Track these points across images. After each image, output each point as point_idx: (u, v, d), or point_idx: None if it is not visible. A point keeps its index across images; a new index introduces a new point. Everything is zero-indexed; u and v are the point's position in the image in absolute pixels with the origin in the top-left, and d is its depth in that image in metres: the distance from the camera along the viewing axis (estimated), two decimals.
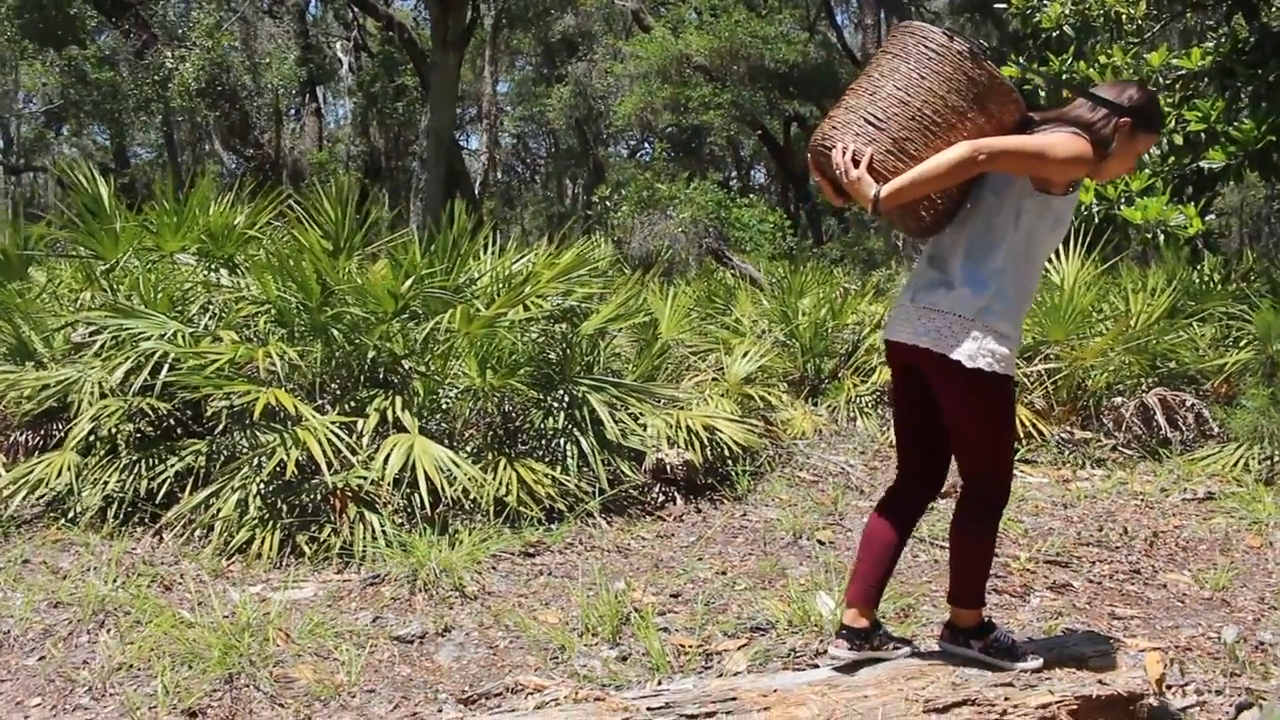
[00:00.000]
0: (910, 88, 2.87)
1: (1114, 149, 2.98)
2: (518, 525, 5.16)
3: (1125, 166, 3.10)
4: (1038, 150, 2.87)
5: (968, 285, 2.99)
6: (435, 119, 14.99)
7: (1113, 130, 2.96)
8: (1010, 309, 2.98)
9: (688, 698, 2.60)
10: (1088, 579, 4.77)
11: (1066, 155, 2.88)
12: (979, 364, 2.94)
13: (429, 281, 5.84)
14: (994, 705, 2.75)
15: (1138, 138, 3.01)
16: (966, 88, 2.86)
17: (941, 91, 2.86)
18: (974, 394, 2.99)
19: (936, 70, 2.86)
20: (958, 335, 2.96)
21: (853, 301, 8.57)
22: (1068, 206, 3.02)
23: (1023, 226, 2.97)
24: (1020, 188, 2.98)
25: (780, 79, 21.27)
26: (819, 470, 6.47)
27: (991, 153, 2.83)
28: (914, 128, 2.86)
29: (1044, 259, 3.10)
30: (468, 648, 3.94)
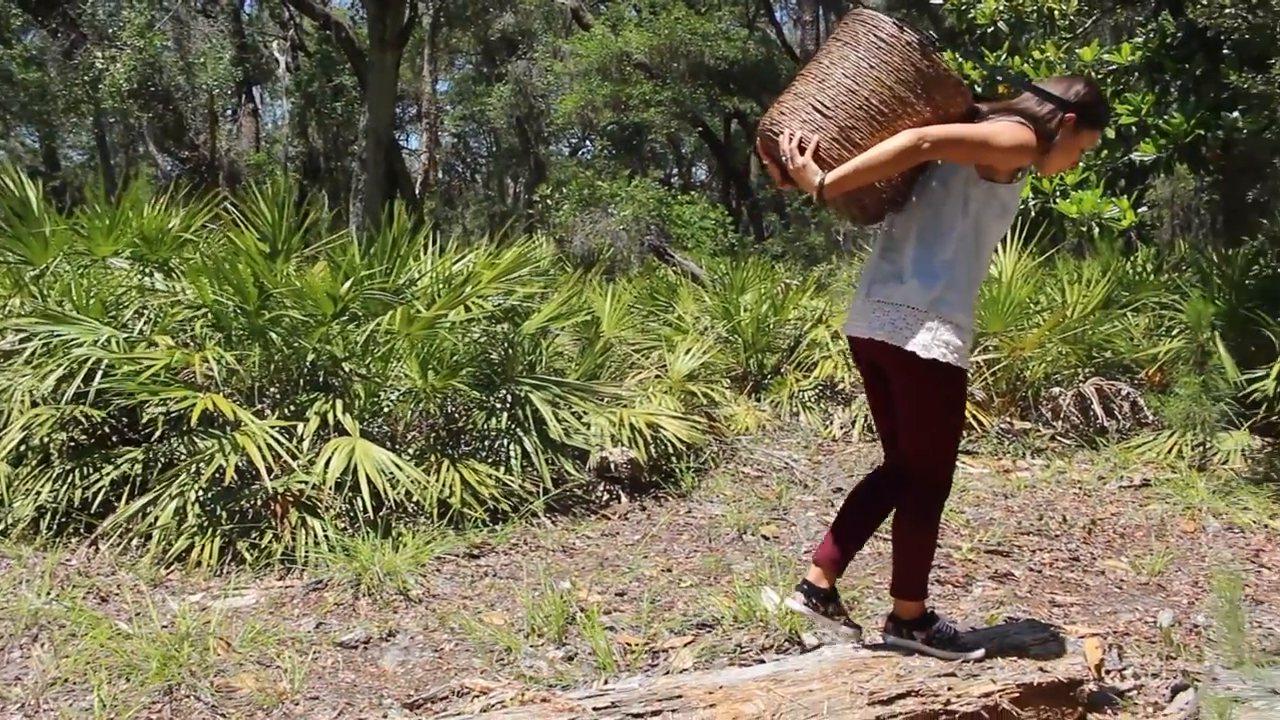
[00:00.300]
0: (859, 76, 2.90)
1: (1058, 143, 3.03)
2: (462, 527, 5.13)
3: (1068, 160, 3.15)
4: (981, 139, 2.92)
5: (918, 277, 3.03)
6: (373, 119, 14.85)
7: (1057, 124, 3.01)
8: (962, 298, 3.02)
9: (633, 696, 2.60)
10: (1028, 567, 4.84)
11: (1009, 144, 2.92)
12: (934, 354, 2.98)
13: (368, 283, 5.79)
14: (937, 695, 2.77)
15: (1081, 133, 3.06)
16: (914, 79, 2.89)
17: (889, 82, 2.89)
18: (927, 384, 3.04)
19: (885, 60, 2.88)
20: (912, 327, 3.00)
21: (794, 297, 8.61)
22: (1013, 195, 3.05)
23: (970, 215, 3.02)
24: (966, 177, 3.02)
25: (720, 76, 21.32)
26: (763, 465, 6.49)
27: (935, 141, 2.88)
28: (861, 116, 2.90)
29: (992, 248, 3.13)
30: (413, 652, 3.91)
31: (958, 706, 2.78)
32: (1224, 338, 7.13)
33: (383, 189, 15.05)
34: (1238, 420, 6.81)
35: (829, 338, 8.03)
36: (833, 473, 6.41)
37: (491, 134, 33.13)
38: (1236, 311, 7.28)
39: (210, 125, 18.96)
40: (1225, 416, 6.79)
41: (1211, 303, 7.26)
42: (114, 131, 25.52)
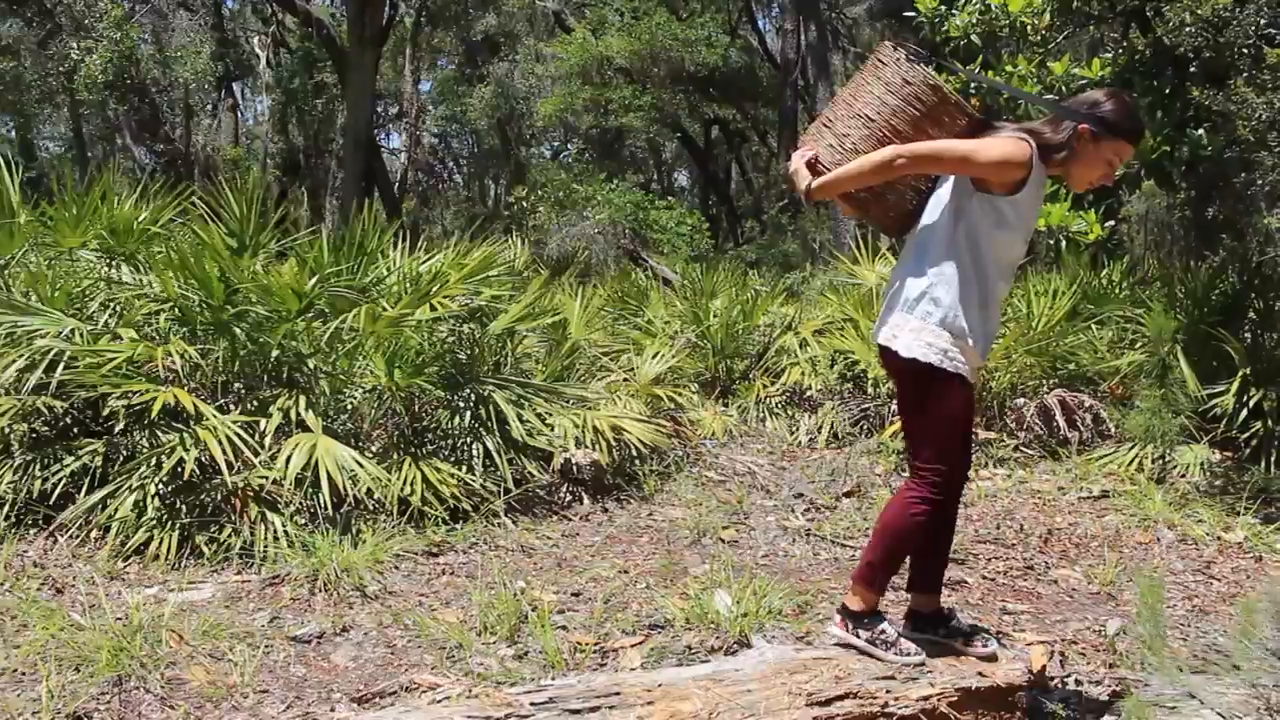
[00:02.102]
0: (858, 93, 3.20)
1: (1077, 155, 3.11)
2: (422, 525, 5.14)
3: (1096, 173, 3.17)
4: (961, 155, 3.04)
5: (908, 280, 3.19)
6: (351, 117, 14.86)
7: (1069, 137, 3.10)
8: (956, 303, 3.09)
9: (572, 693, 2.63)
10: (982, 575, 4.89)
11: (992, 158, 3.03)
12: (914, 354, 3.09)
13: (334, 280, 5.80)
14: (875, 698, 2.81)
15: (1102, 143, 3.10)
16: (908, 96, 3.11)
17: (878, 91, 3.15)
18: (913, 384, 3.16)
19: (879, 77, 3.16)
20: (899, 327, 3.15)
21: (764, 303, 8.66)
22: (1014, 208, 3.11)
23: (963, 224, 3.12)
24: (962, 188, 3.13)
25: (701, 82, 21.40)
26: (726, 470, 6.53)
27: (913, 156, 3.04)
28: (855, 126, 3.16)
29: (1001, 258, 3.18)
30: (365, 647, 3.93)
31: (895, 709, 2.82)
32: (1186, 352, 7.19)
33: (360, 187, 15.04)
34: (1198, 434, 6.88)
35: (797, 345, 8.08)
36: (795, 479, 6.45)
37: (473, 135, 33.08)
38: (1199, 326, 7.35)
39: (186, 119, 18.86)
40: (1185, 430, 6.86)
41: (1174, 317, 7.33)
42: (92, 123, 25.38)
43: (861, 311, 8.08)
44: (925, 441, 3.20)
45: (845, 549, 5.13)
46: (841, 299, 8.42)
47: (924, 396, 3.15)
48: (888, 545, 3.25)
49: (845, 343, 7.77)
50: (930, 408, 3.15)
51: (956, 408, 3.18)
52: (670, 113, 20.64)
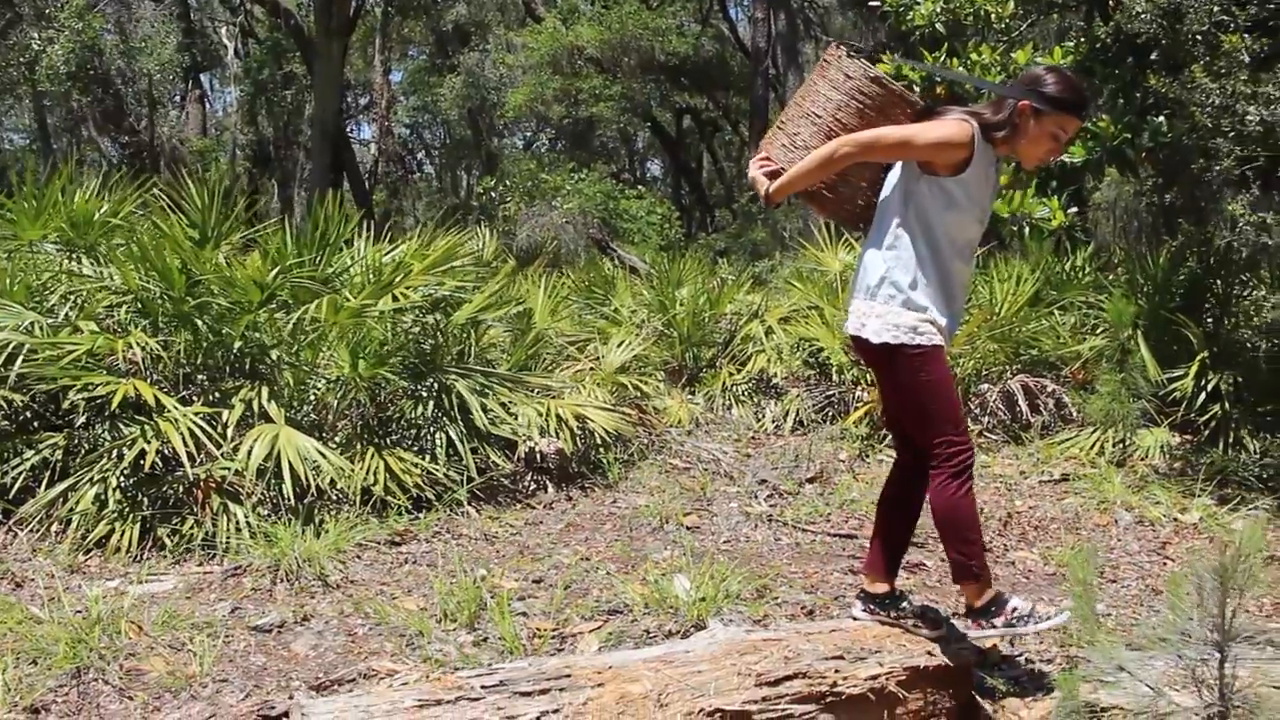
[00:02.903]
0: (807, 93, 3.28)
1: (1022, 132, 3.15)
2: (385, 515, 5.16)
3: (1043, 148, 3.20)
4: (901, 139, 3.09)
5: (869, 265, 3.22)
6: (319, 108, 14.80)
7: (1009, 115, 3.14)
8: (914, 283, 3.13)
9: (523, 675, 2.65)
10: (940, 558, 4.93)
11: (931, 140, 3.08)
12: (885, 338, 3.13)
13: (297, 271, 5.79)
14: (825, 677, 2.85)
15: (1045, 118, 3.13)
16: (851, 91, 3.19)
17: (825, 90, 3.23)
18: (893, 367, 3.18)
19: (825, 76, 3.24)
20: (866, 314, 3.19)
21: (730, 291, 8.70)
22: (962, 188, 3.14)
23: (913, 207, 3.15)
24: (909, 172, 3.18)
25: (672, 71, 21.39)
26: (691, 458, 6.57)
27: (856, 145, 3.09)
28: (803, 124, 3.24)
29: (955, 239, 3.20)
30: (326, 636, 3.94)
31: (844, 688, 2.86)
32: (1146, 337, 7.27)
33: (329, 179, 14.99)
34: (1158, 418, 6.96)
35: (763, 332, 8.12)
36: (760, 465, 6.50)
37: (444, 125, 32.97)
38: (1159, 311, 7.43)
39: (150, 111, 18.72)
40: (1146, 414, 6.94)
41: (1134, 303, 7.41)
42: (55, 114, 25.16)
43: (826, 299, 8.13)
44: (926, 420, 3.20)
45: (807, 534, 5.18)
46: (807, 286, 8.46)
47: (906, 377, 3.16)
48: (954, 535, 3.24)
49: (810, 330, 7.82)
50: (917, 386, 3.16)
51: (941, 374, 3.19)
52: (641, 102, 20.63)
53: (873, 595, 3.36)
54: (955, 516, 3.20)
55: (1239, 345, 6.50)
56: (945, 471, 3.19)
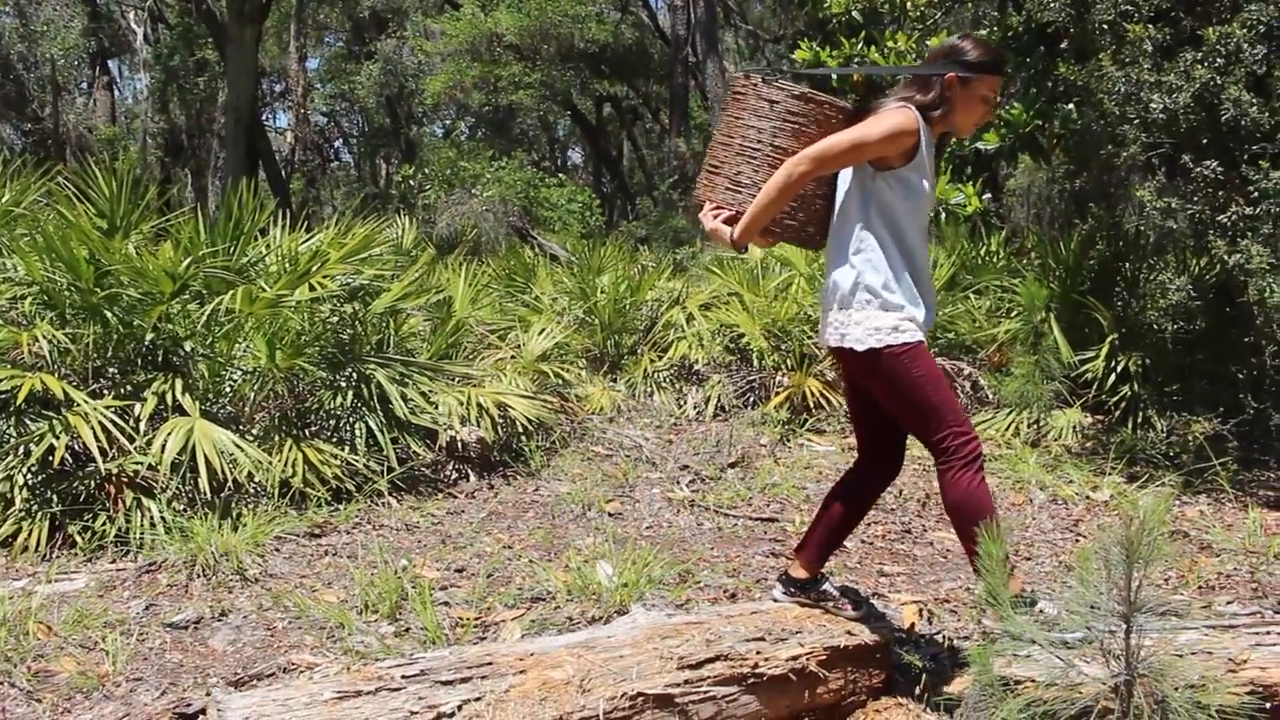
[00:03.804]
0: (731, 128, 3.20)
1: (953, 104, 3.14)
2: (304, 507, 5.09)
3: (976, 114, 3.21)
4: (852, 142, 3.04)
5: (839, 276, 3.15)
6: (233, 95, 14.51)
7: (939, 90, 3.13)
8: (887, 283, 3.08)
9: (443, 664, 2.64)
10: (861, 540, 5.01)
11: (881, 133, 3.03)
12: (869, 344, 3.06)
13: (210, 261, 5.68)
14: (746, 659, 2.87)
15: (972, 84, 3.13)
16: (771, 112, 3.13)
17: (754, 122, 3.16)
18: (881, 373, 3.10)
19: (745, 106, 3.17)
20: (845, 324, 3.12)
21: (651, 278, 8.71)
22: (917, 172, 3.11)
23: (874, 204, 3.11)
24: (862, 173, 3.13)
25: (591, 59, 21.34)
26: (613, 444, 6.58)
27: (810, 160, 3.03)
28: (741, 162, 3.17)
29: (917, 226, 3.18)
30: (244, 631, 3.88)
31: (766, 669, 2.88)
32: (1058, 320, 7.43)
33: (244, 167, 14.70)
34: (1071, 399, 7.13)
35: (684, 319, 8.15)
36: (681, 451, 6.53)
37: (362, 113, 32.55)
38: (1070, 295, 7.60)
39: (54, 97, 18.18)
40: (1059, 395, 7.11)
41: (1046, 286, 7.57)
42: None
43: (746, 285, 8.18)
44: (927, 417, 3.13)
45: (729, 518, 5.22)
46: (727, 273, 8.50)
47: (898, 378, 3.10)
48: (971, 527, 3.10)
49: (731, 316, 7.86)
50: (910, 384, 3.10)
51: (931, 367, 3.15)
52: (561, 90, 20.56)
53: (794, 579, 3.37)
54: (973, 508, 3.10)
55: (1146, 327, 6.67)
56: (956, 464, 3.13)
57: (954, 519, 3.21)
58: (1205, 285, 6.46)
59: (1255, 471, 6.11)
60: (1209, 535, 4.98)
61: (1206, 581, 4.42)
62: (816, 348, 7.57)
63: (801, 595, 3.34)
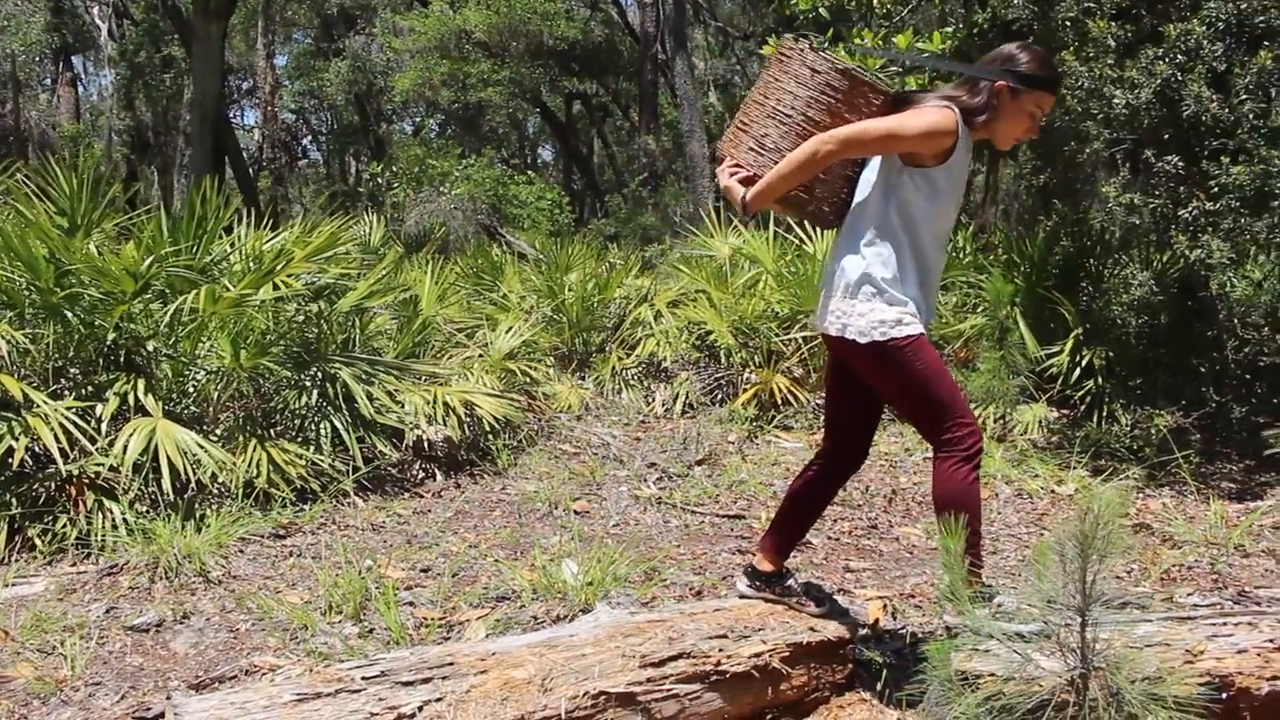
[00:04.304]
0: (768, 90, 3.11)
1: (1000, 112, 3.04)
2: (268, 507, 5.05)
3: (1021, 128, 3.10)
4: (886, 131, 2.96)
5: (847, 263, 3.10)
6: (198, 92, 14.38)
7: (988, 96, 3.03)
8: (895, 279, 3.04)
9: (404, 665, 2.63)
10: (827, 536, 5.02)
11: (919, 129, 2.95)
12: (873, 337, 3.02)
13: (173, 260, 5.63)
14: (709, 656, 2.87)
15: (1021, 97, 3.04)
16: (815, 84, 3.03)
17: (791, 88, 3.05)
18: (883, 366, 3.07)
19: (787, 71, 3.07)
20: (848, 314, 3.07)
21: (619, 276, 8.71)
22: (946, 176, 3.04)
23: (894, 200, 3.05)
24: (890, 165, 3.06)
25: (561, 56, 21.31)
26: (581, 442, 6.57)
27: (838, 142, 2.95)
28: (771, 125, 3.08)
29: (935, 229, 3.12)
30: (207, 633, 3.85)
31: (729, 666, 2.88)
32: (1024, 316, 7.47)
33: (210, 165, 14.56)
34: (1037, 393, 7.18)
35: (652, 317, 8.15)
36: (649, 449, 6.53)
37: (331, 111, 32.38)
38: (1036, 291, 7.65)
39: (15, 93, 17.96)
40: (1025, 390, 7.15)
41: (1011, 282, 7.62)
42: None
43: (714, 282, 8.18)
44: (933, 409, 3.10)
45: (695, 516, 5.22)
46: (695, 271, 8.51)
47: (904, 370, 3.06)
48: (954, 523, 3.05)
49: (699, 313, 7.87)
50: (915, 376, 3.06)
51: (934, 358, 3.11)
52: (530, 87, 20.50)
53: (759, 573, 3.36)
54: (963, 503, 3.07)
55: (1111, 322, 6.72)
56: (956, 456, 3.10)
57: (940, 511, 3.16)
58: (1168, 280, 6.52)
59: (1218, 464, 6.16)
60: (1171, 527, 5.01)
61: (1168, 573, 4.46)
62: (784, 345, 7.59)
63: (766, 590, 3.33)
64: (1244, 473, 6.01)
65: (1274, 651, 2.77)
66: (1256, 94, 5.26)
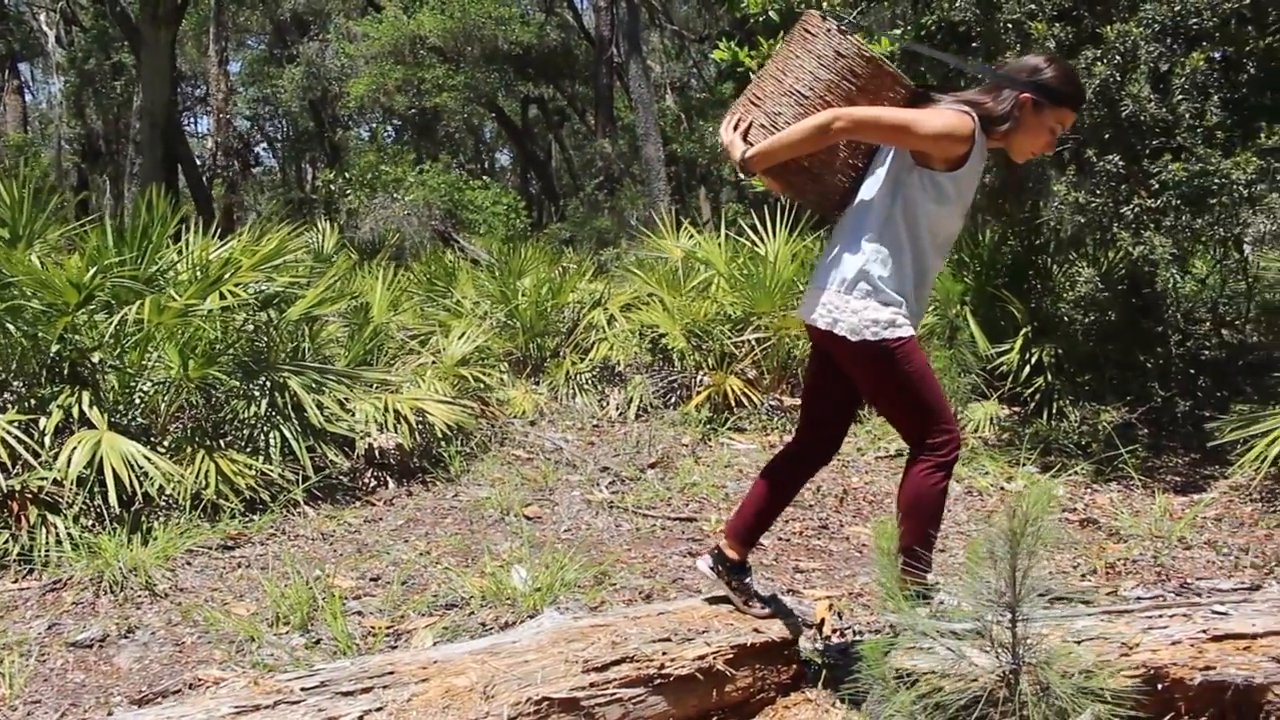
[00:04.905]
0: (787, 65, 3.00)
1: (1020, 125, 2.99)
2: (217, 519, 5.01)
3: (1039, 142, 3.05)
4: (902, 123, 2.89)
5: (845, 258, 3.04)
6: (147, 99, 14.19)
7: (1010, 107, 2.97)
8: (894, 277, 2.99)
9: (344, 675, 2.61)
10: (778, 537, 5.04)
11: (934, 130, 2.88)
12: (864, 336, 2.98)
13: (117, 271, 5.57)
14: (652, 660, 2.88)
15: (1044, 113, 2.98)
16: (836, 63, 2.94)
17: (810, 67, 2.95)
18: (871, 365, 3.03)
19: (810, 49, 2.96)
20: (840, 309, 3.01)
21: (572, 280, 8.70)
22: (954, 183, 2.99)
23: (902, 199, 2.99)
24: (901, 162, 3.01)
25: (516, 61, 21.26)
26: (534, 447, 6.56)
27: (852, 120, 2.87)
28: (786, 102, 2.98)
29: (938, 234, 3.07)
30: (151, 648, 3.81)
31: (672, 670, 2.89)
32: (974, 314, 7.54)
33: (161, 174, 14.40)
34: (987, 391, 7.24)
35: (605, 321, 8.15)
36: (602, 453, 6.52)
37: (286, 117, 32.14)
38: (985, 289, 7.72)
39: None
40: (976, 388, 7.22)
41: (961, 280, 7.68)
42: None
43: (667, 286, 8.19)
44: (918, 413, 3.08)
45: (647, 519, 5.22)
46: (647, 274, 8.52)
47: (892, 372, 3.03)
48: (918, 523, 3.07)
49: (652, 316, 7.88)
50: (903, 378, 3.04)
51: (922, 362, 3.09)
52: (486, 92, 20.43)
53: (725, 557, 3.29)
54: (928, 505, 3.08)
55: (1059, 319, 6.79)
56: (932, 462, 3.09)
57: (905, 512, 3.15)
58: (1114, 277, 6.60)
59: (1164, 457, 6.25)
60: (1118, 522, 5.08)
61: (1113, 567, 4.52)
62: (736, 347, 7.61)
63: (727, 576, 3.27)
64: (1189, 466, 6.09)
65: (1207, 642, 2.81)
66: (1192, 94, 5.34)
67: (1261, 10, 5.78)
